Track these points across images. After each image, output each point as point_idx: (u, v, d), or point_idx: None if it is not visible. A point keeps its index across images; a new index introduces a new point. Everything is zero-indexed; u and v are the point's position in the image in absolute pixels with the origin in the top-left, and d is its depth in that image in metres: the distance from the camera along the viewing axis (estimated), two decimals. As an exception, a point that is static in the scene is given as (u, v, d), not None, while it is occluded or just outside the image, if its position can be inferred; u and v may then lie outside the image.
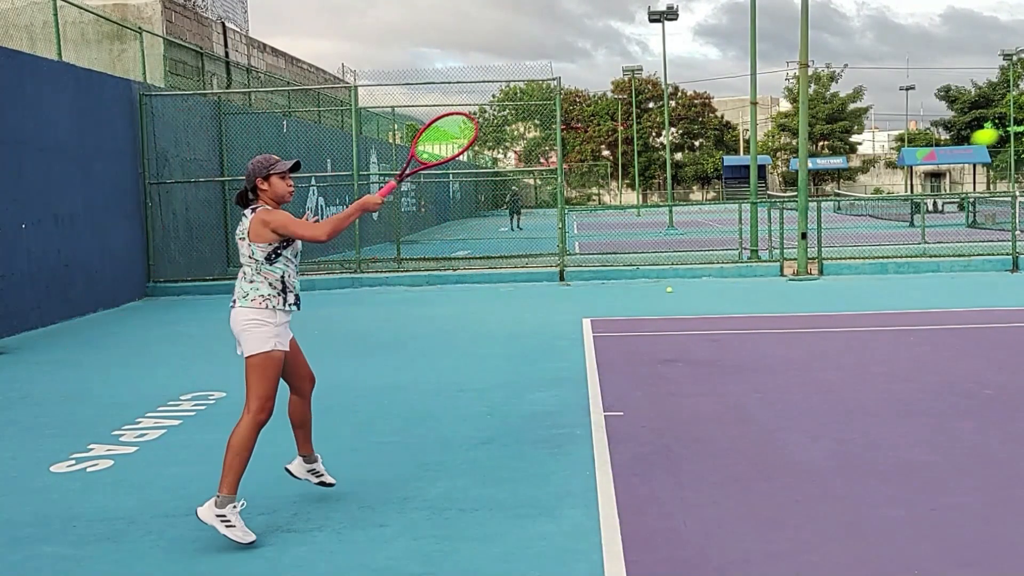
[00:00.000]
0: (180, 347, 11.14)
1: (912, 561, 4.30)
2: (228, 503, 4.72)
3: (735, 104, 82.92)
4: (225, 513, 4.69)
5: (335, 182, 23.69)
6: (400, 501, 5.30)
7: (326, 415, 7.43)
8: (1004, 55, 59.30)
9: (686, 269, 17.33)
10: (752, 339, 10.66)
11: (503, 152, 78.13)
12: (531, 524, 4.90)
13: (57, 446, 6.67)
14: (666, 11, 39.91)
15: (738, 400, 7.50)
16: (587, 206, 60.45)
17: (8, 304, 12.17)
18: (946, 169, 72.86)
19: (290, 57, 30.24)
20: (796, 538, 4.62)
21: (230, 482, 4.75)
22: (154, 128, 16.72)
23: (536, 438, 6.50)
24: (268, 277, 4.93)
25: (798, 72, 18.99)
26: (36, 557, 4.68)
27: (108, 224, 15.07)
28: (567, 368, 8.93)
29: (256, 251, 4.91)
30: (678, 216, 40.03)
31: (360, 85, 21.52)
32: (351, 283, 17.09)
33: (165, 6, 21.01)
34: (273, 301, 4.92)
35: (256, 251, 4.91)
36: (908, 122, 78.78)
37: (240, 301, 4.94)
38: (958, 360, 9.08)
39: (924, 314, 12.03)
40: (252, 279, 4.94)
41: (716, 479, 5.54)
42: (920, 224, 23.84)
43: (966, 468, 5.66)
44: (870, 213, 40.96)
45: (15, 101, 12.72)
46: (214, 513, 4.70)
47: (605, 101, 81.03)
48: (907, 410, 7.06)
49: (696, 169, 79.45)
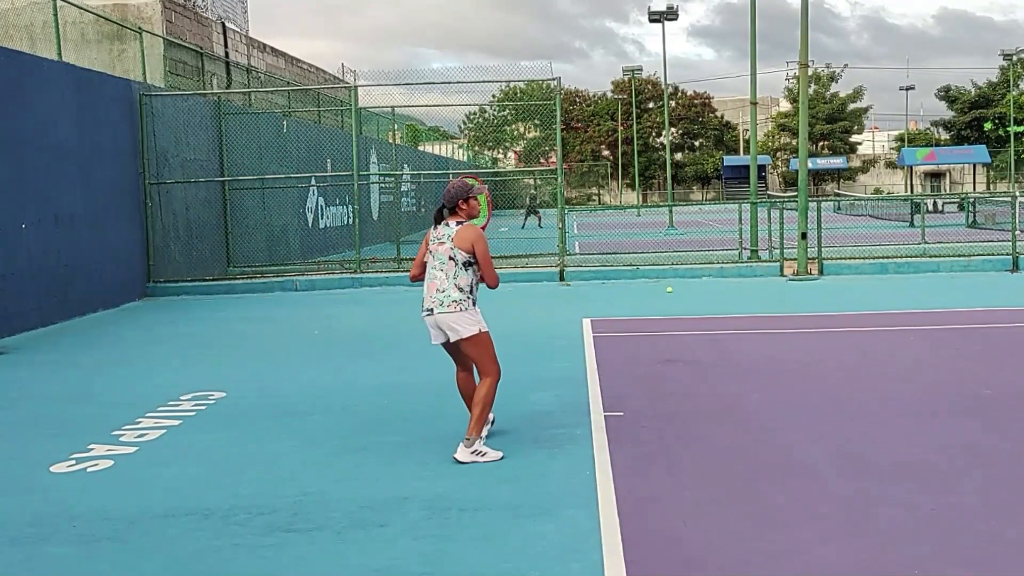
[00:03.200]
0: (180, 347, 11.13)
1: (912, 561, 4.30)
2: (477, 441, 6.03)
3: (735, 104, 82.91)
4: (478, 447, 6.01)
5: (335, 182, 23.67)
6: (400, 501, 5.30)
7: (326, 415, 7.43)
8: (1004, 55, 59.30)
9: (686, 269, 17.34)
10: (752, 339, 10.66)
11: (503, 152, 78.11)
12: (531, 524, 4.90)
13: (57, 446, 6.67)
14: (666, 11, 39.90)
15: (738, 400, 7.50)
16: (587, 206, 60.45)
17: (8, 304, 12.17)
18: (946, 169, 72.87)
19: (290, 57, 30.23)
20: (796, 538, 4.62)
21: (480, 427, 6.09)
22: (154, 128, 16.72)
23: (536, 438, 6.50)
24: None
25: (798, 72, 18.99)
26: (36, 557, 4.68)
27: (108, 224, 15.07)
28: (567, 368, 8.93)
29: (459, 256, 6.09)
30: (678, 216, 40.03)
31: (360, 85, 21.53)
32: (351, 283, 17.10)
33: (165, 6, 21.00)
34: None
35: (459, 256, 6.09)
36: (908, 122, 78.80)
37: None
38: (958, 360, 9.08)
39: (924, 314, 12.04)
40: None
41: (716, 479, 5.55)
42: (920, 224, 23.83)
43: (966, 468, 5.66)
44: (870, 213, 40.95)
45: (15, 101, 12.72)
46: (469, 451, 5.95)
47: (605, 101, 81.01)
48: (907, 410, 7.06)
49: (696, 169, 79.43)
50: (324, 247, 24.39)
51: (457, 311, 6.02)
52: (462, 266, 6.05)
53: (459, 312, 6.02)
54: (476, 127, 74.02)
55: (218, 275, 18.11)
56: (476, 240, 6.06)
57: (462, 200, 6.17)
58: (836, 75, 77.96)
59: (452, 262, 6.06)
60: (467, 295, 6.06)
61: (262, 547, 4.69)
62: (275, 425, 7.16)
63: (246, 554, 4.62)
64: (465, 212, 6.20)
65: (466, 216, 6.21)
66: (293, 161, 22.54)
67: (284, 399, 7.98)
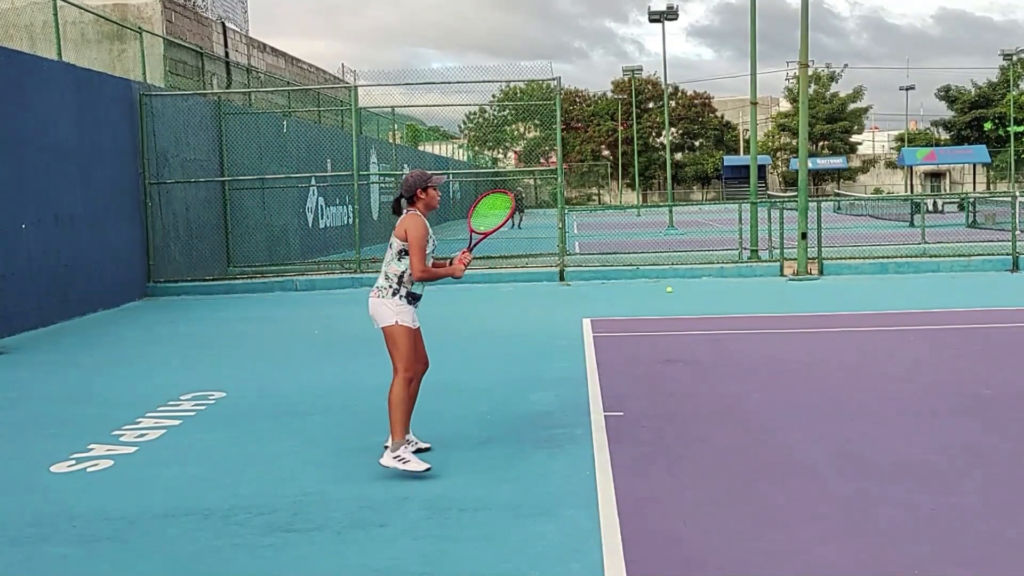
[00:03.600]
0: (180, 347, 11.13)
1: (912, 561, 4.30)
2: (400, 446, 5.74)
3: (735, 104, 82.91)
4: (400, 453, 5.71)
5: (335, 182, 23.67)
6: (400, 501, 5.30)
7: (326, 415, 7.43)
8: (1004, 55, 59.28)
9: (686, 269, 17.34)
10: (752, 339, 10.66)
11: (503, 152, 78.11)
12: (531, 524, 4.90)
13: (57, 446, 6.67)
14: (666, 11, 39.89)
15: (738, 400, 7.50)
16: (587, 206, 60.45)
17: (8, 304, 12.17)
18: (946, 169, 72.88)
19: (290, 57, 30.22)
20: (796, 538, 4.62)
21: (399, 430, 5.77)
22: (154, 128, 16.72)
23: (536, 438, 6.50)
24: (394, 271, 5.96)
25: (798, 72, 18.99)
26: (36, 557, 4.68)
27: (108, 224, 15.07)
28: (567, 368, 8.93)
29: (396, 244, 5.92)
30: (678, 216, 40.03)
31: (360, 85, 21.53)
32: (351, 283, 17.09)
33: (165, 6, 21.00)
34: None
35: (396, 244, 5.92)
36: (908, 122, 78.80)
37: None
38: (958, 360, 9.08)
39: (924, 314, 12.03)
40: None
41: (716, 479, 5.55)
42: (920, 224, 23.83)
43: (966, 468, 5.66)
44: (870, 213, 40.95)
45: (15, 101, 12.71)
46: (391, 456, 5.69)
47: (605, 101, 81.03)
48: (907, 410, 7.06)
49: (696, 169, 79.44)
50: (324, 247, 24.40)
51: (376, 297, 5.94)
52: (396, 254, 5.91)
53: (378, 298, 5.93)
54: (476, 127, 74.02)
55: (218, 275, 18.10)
56: (409, 226, 5.85)
57: (420, 189, 5.96)
58: (836, 75, 78.00)
59: (389, 250, 5.98)
60: (390, 284, 5.90)
61: (262, 547, 4.69)
62: (275, 425, 7.16)
63: (246, 554, 4.62)
64: (423, 202, 5.98)
65: (423, 207, 5.99)
66: (293, 161, 22.54)
67: (284, 399, 7.98)
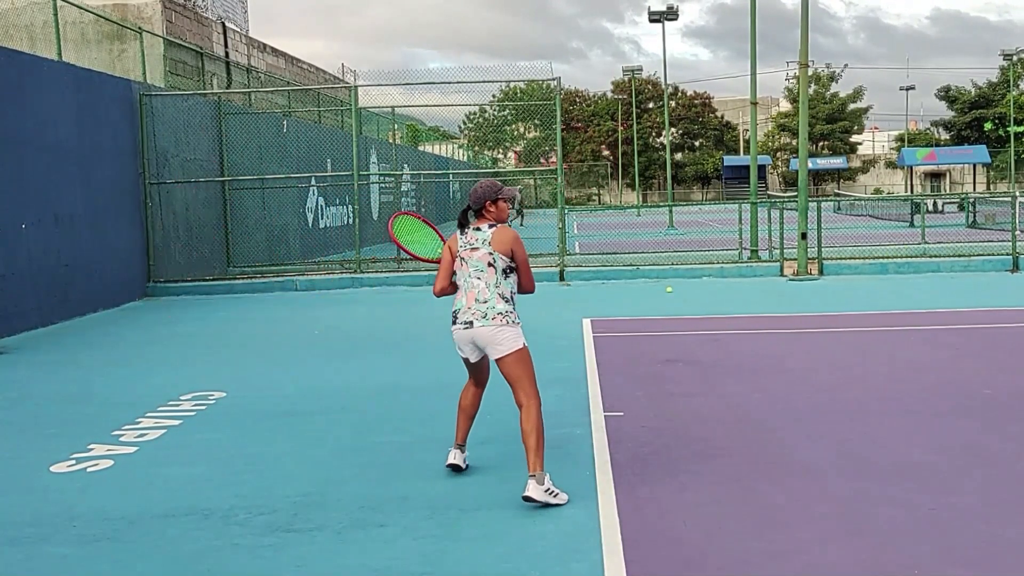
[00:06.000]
0: (180, 347, 11.13)
1: (912, 561, 4.30)
2: (546, 476, 5.21)
3: (735, 104, 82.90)
4: (550, 487, 5.20)
5: (335, 182, 23.67)
6: (400, 501, 5.30)
7: (326, 415, 7.43)
8: (1004, 55, 59.26)
9: (686, 269, 17.34)
10: (752, 339, 10.66)
11: (503, 152, 78.10)
12: (531, 524, 4.90)
13: (57, 446, 6.67)
14: (666, 11, 39.90)
15: (738, 400, 7.50)
16: (587, 206, 60.45)
17: (8, 304, 12.17)
18: (946, 169, 72.88)
19: (290, 57, 30.22)
20: (796, 538, 4.62)
21: (541, 459, 5.25)
22: (154, 128, 16.72)
23: (536, 438, 6.49)
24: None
25: (798, 72, 18.99)
26: (36, 557, 4.68)
27: (108, 224, 15.07)
28: (567, 368, 8.93)
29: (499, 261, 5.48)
30: (678, 216, 40.03)
31: (360, 85, 21.52)
32: (351, 283, 17.10)
33: (165, 6, 21.00)
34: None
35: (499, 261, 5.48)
36: (908, 122, 78.80)
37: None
38: (958, 360, 9.07)
39: (924, 314, 12.03)
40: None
41: (716, 479, 5.54)
42: (920, 224, 23.83)
43: (966, 468, 5.66)
44: (870, 213, 40.93)
45: (15, 101, 12.72)
46: (543, 490, 5.14)
47: (605, 101, 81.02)
48: (907, 410, 7.06)
49: (696, 169, 79.43)
50: (324, 247, 24.38)
51: (502, 324, 5.36)
52: (502, 273, 5.44)
53: (504, 326, 5.36)
54: (476, 127, 74.01)
55: (218, 275, 18.10)
56: (515, 243, 5.48)
57: (490, 201, 5.56)
58: (836, 75, 77.99)
59: (492, 269, 5.44)
60: (512, 306, 5.44)
61: (262, 547, 4.69)
62: (275, 425, 7.16)
63: (246, 554, 4.62)
64: (493, 215, 5.58)
65: (495, 219, 5.58)
66: (293, 161, 22.54)
67: (284, 399, 7.98)
